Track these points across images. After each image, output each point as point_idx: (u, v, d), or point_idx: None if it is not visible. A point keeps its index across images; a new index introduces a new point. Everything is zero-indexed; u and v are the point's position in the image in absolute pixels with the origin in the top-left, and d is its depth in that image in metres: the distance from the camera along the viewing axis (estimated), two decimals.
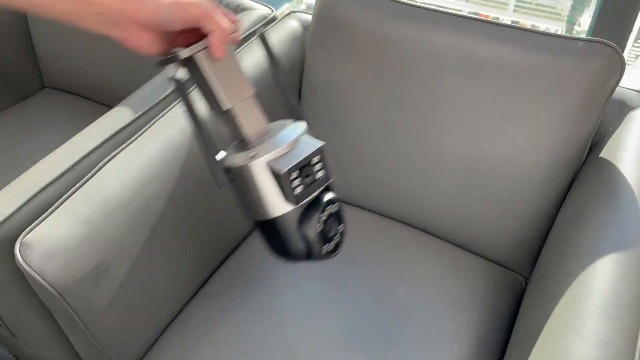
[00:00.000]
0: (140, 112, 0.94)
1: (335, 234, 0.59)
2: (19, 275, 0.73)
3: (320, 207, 0.57)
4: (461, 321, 0.89)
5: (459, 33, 0.91)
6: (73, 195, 0.76)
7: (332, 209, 0.58)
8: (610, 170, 0.84)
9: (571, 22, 2.08)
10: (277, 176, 0.54)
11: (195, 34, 0.54)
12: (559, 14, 2.14)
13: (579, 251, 0.75)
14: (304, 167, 0.55)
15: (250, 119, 0.57)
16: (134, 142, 0.85)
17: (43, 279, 0.69)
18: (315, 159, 0.56)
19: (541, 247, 0.96)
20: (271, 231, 0.59)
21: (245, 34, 1.14)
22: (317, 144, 0.56)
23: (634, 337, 0.62)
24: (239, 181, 0.56)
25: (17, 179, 0.81)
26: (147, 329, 0.86)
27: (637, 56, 1.85)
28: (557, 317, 0.68)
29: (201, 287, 0.96)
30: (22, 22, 1.39)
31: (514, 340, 0.84)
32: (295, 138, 0.56)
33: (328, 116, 1.05)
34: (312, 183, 0.56)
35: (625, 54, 1.44)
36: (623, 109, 0.95)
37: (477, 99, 0.91)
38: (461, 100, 0.92)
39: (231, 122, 0.57)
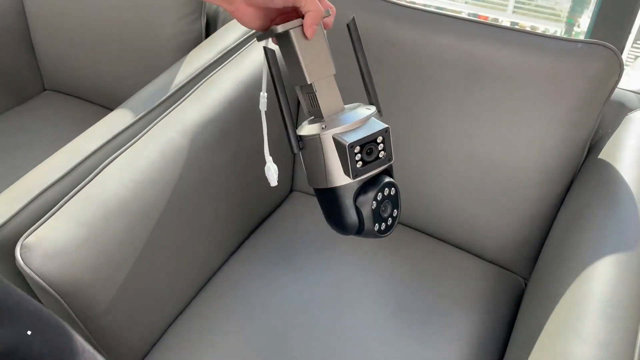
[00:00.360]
0: (140, 115, 0.94)
1: (389, 216, 0.63)
2: (20, 277, 0.73)
3: (378, 187, 0.60)
4: (461, 322, 0.89)
5: (459, 35, 0.91)
6: (74, 198, 0.76)
7: (389, 191, 0.62)
8: (609, 172, 0.84)
9: (570, 23, 2.08)
10: (341, 148, 0.58)
11: (292, 16, 0.61)
12: (558, 15, 2.15)
13: (578, 252, 0.76)
14: (366, 144, 0.58)
15: (328, 96, 0.61)
16: (135, 144, 0.85)
17: (43, 281, 0.69)
18: (379, 139, 0.59)
19: (541, 248, 0.97)
20: (329, 200, 0.62)
21: (245, 37, 1.15)
22: (383, 125, 0.60)
23: (633, 337, 0.63)
24: (307, 149, 0.61)
25: (17, 182, 0.81)
26: (147, 330, 0.87)
27: (637, 57, 1.85)
28: (556, 318, 0.68)
29: (202, 287, 0.96)
30: (22, 24, 1.40)
31: (514, 340, 0.84)
32: (364, 117, 0.60)
33: None
34: (372, 161, 0.60)
35: (625, 55, 1.44)
36: (622, 110, 0.96)
37: (476, 100, 0.91)
38: (460, 102, 0.92)
39: (310, 96, 0.62)
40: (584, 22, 1.96)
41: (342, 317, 0.89)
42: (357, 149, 0.57)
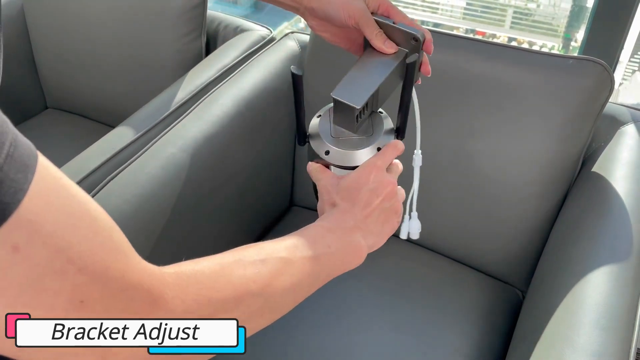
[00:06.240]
0: (141, 131, 0.96)
1: None
2: None
3: None
4: (459, 334, 0.90)
5: (454, 52, 0.93)
6: None
7: None
8: (602, 185, 0.85)
9: (567, 38, 2.10)
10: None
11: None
12: (555, 30, 2.17)
13: (573, 264, 0.77)
14: None
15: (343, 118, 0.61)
16: (136, 161, 0.87)
17: None
18: None
19: (537, 260, 0.97)
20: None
21: (244, 55, 1.17)
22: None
23: (627, 347, 0.64)
24: (309, 147, 0.63)
25: None
26: None
27: (634, 71, 1.87)
28: (552, 329, 0.69)
29: None
30: (25, 43, 1.42)
31: (511, 352, 0.84)
32: (356, 166, 0.61)
33: None
34: None
35: (621, 70, 1.46)
36: (614, 124, 0.97)
37: (471, 115, 0.93)
38: (455, 117, 0.94)
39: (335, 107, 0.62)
40: (581, 37, 1.98)
41: (340, 329, 0.90)
42: None
